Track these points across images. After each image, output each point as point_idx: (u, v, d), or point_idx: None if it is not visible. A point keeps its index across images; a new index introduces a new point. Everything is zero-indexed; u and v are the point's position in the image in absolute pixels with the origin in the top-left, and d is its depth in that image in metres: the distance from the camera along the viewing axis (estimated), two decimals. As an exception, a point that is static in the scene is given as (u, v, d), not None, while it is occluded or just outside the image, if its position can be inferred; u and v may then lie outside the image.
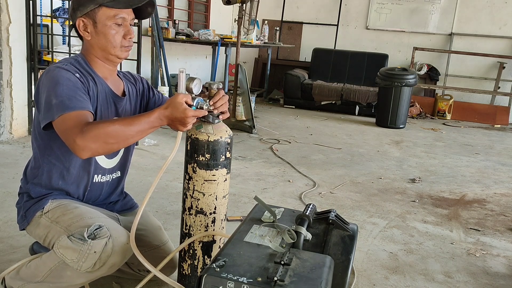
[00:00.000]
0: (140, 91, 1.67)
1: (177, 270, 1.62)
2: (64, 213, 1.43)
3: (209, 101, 1.42)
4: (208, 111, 1.42)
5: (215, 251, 1.52)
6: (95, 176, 1.56)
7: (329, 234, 1.31)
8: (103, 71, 1.51)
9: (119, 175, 1.66)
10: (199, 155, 1.43)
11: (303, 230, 1.25)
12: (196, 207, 1.48)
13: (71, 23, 1.51)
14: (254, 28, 5.28)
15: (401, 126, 5.82)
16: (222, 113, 1.46)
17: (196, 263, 1.52)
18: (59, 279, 1.36)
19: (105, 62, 1.50)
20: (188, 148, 1.46)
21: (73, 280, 1.37)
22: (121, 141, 1.31)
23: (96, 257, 1.31)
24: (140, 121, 1.32)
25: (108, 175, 1.60)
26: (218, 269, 1.04)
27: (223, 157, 1.46)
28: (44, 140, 1.47)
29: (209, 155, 1.43)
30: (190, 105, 1.35)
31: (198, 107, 1.39)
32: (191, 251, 1.52)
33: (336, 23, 7.66)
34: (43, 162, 1.49)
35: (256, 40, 6.09)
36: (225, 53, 5.36)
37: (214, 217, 1.50)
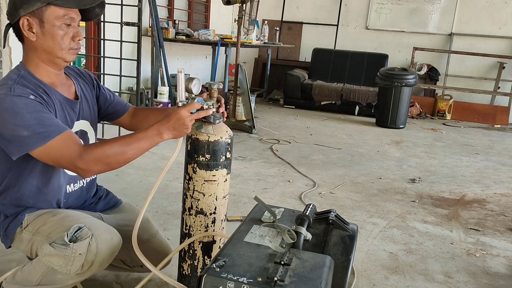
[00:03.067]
0: (92, 86, 1.60)
1: (177, 270, 1.62)
2: (44, 223, 1.40)
3: (212, 102, 1.43)
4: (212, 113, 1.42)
5: (215, 251, 1.52)
6: (67, 186, 1.51)
7: (329, 234, 1.30)
8: (50, 77, 1.41)
9: (93, 176, 1.63)
10: (199, 155, 1.43)
11: (303, 230, 1.25)
12: (196, 207, 1.48)
13: (8, 21, 1.37)
14: (254, 28, 5.28)
15: (401, 126, 5.81)
16: (222, 113, 1.47)
17: (196, 263, 1.52)
18: (52, 282, 1.36)
19: (50, 66, 1.40)
20: (189, 148, 1.46)
21: (66, 282, 1.36)
22: (121, 161, 1.33)
23: (82, 259, 1.29)
24: (137, 138, 1.33)
25: (81, 180, 1.56)
26: (218, 269, 1.04)
27: (223, 157, 1.46)
28: (8, 164, 1.38)
29: (209, 156, 1.43)
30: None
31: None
32: (191, 251, 1.52)
33: (336, 23, 7.66)
34: (9, 185, 1.43)
35: (256, 40, 6.09)
36: (225, 53, 5.36)
37: (214, 218, 1.50)
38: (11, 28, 1.39)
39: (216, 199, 1.48)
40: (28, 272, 1.40)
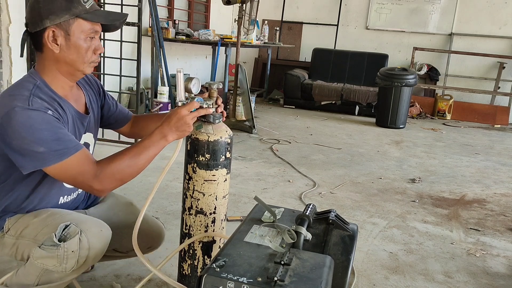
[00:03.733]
0: (98, 95, 1.60)
1: (177, 270, 1.62)
2: (26, 226, 1.38)
3: (212, 102, 1.43)
4: (211, 112, 1.42)
5: (215, 251, 1.52)
6: (61, 198, 1.49)
7: (329, 234, 1.30)
8: (64, 88, 1.39)
9: None
10: (199, 155, 1.43)
11: (303, 230, 1.25)
12: (196, 207, 1.48)
13: (27, 29, 1.34)
14: (254, 28, 5.28)
15: (401, 126, 5.81)
16: (221, 113, 1.47)
17: (196, 263, 1.52)
18: (50, 281, 1.36)
19: (67, 77, 1.38)
20: (188, 148, 1.47)
21: (64, 279, 1.36)
22: (134, 174, 1.34)
23: (76, 256, 1.29)
24: (144, 147, 1.33)
25: (74, 193, 1.55)
26: (218, 269, 1.04)
27: (223, 157, 1.46)
28: (9, 172, 1.36)
29: (209, 155, 1.43)
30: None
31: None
32: (191, 251, 1.52)
33: (336, 23, 7.66)
34: (1, 189, 1.38)
35: (256, 40, 6.09)
36: (225, 53, 5.36)
37: (214, 217, 1.50)
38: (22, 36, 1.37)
39: (216, 198, 1.48)
40: (23, 276, 1.38)
